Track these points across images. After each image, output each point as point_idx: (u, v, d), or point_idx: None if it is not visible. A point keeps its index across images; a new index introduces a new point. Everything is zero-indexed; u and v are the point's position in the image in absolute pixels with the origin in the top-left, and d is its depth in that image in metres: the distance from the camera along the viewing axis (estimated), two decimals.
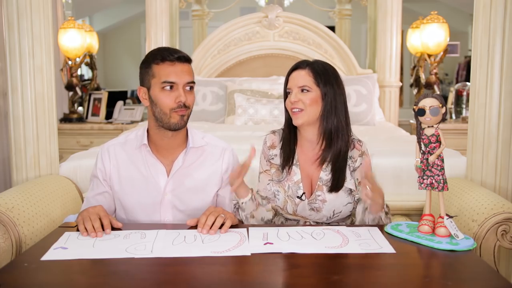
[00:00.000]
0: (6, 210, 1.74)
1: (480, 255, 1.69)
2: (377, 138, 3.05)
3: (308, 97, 1.68)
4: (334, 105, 1.70)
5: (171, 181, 1.73)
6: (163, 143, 1.73)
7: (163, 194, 1.73)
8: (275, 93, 3.96)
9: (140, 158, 1.74)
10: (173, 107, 1.65)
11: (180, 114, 1.66)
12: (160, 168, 1.73)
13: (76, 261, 1.32)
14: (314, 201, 1.72)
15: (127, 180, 1.75)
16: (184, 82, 1.65)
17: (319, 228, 1.57)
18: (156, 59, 1.66)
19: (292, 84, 1.72)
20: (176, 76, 1.64)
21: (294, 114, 1.70)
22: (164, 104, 1.65)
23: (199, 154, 1.77)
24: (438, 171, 1.45)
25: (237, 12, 6.99)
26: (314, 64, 1.73)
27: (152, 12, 4.31)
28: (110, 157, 1.78)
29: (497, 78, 2.03)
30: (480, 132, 2.09)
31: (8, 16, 2.17)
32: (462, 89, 4.55)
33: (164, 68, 1.64)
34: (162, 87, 1.64)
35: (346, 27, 5.47)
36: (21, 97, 2.19)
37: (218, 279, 1.24)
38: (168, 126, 1.67)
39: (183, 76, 1.65)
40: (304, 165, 1.75)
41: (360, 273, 1.29)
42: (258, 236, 1.49)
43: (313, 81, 1.69)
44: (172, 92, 1.64)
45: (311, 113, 1.69)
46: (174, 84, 1.64)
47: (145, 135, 1.75)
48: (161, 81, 1.64)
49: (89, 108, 4.71)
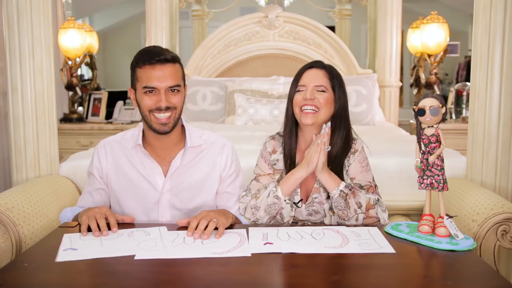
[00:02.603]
0: (6, 210, 1.74)
1: (480, 255, 1.69)
2: (377, 138, 3.05)
3: (324, 97, 1.68)
4: (346, 109, 1.73)
5: (169, 180, 1.72)
6: (158, 143, 1.72)
7: (161, 194, 1.72)
8: (275, 93, 3.96)
9: (136, 158, 1.74)
10: (151, 108, 1.63)
11: (160, 122, 1.64)
12: (157, 168, 1.72)
13: (76, 261, 1.32)
14: (311, 204, 1.72)
15: (124, 179, 1.74)
16: (166, 86, 1.62)
17: (319, 228, 1.57)
18: (138, 63, 1.64)
19: (307, 81, 1.70)
20: (156, 80, 1.61)
21: (306, 114, 1.68)
22: (144, 106, 1.64)
23: (198, 152, 1.76)
24: (438, 171, 1.45)
25: (237, 12, 6.99)
26: (330, 66, 1.75)
27: (152, 12, 4.31)
28: (106, 154, 1.77)
29: (497, 78, 2.03)
30: (480, 132, 2.09)
31: (8, 16, 2.17)
32: (462, 89, 4.55)
33: (145, 72, 1.62)
34: (144, 91, 1.63)
35: (346, 27, 5.48)
36: (21, 97, 2.19)
37: (218, 279, 1.24)
38: (153, 130, 1.66)
39: (164, 80, 1.62)
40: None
41: (360, 273, 1.29)
42: (258, 236, 1.49)
43: (329, 83, 1.70)
44: (154, 96, 1.63)
45: (324, 113, 1.69)
46: (154, 89, 1.62)
47: (140, 135, 1.74)
48: (142, 85, 1.63)
49: (89, 108, 4.71)
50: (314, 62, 1.75)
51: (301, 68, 1.75)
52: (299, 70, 1.75)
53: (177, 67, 1.66)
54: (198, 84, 4.12)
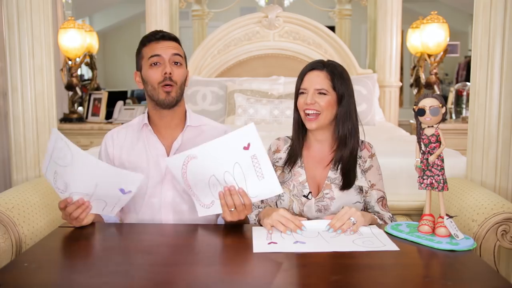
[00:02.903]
0: (6, 210, 1.74)
1: (480, 255, 1.69)
2: (377, 138, 3.04)
3: (325, 100, 1.68)
4: (349, 110, 1.71)
5: None
6: (162, 122, 1.75)
7: (164, 175, 1.73)
8: (275, 93, 3.96)
9: (142, 139, 1.77)
10: (160, 81, 1.68)
11: (165, 91, 1.69)
12: (160, 148, 1.74)
13: (76, 261, 1.32)
14: (321, 199, 1.71)
15: (130, 163, 1.76)
16: (170, 54, 1.69)
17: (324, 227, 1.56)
18: (143, 43, 1.74)
19: (308, 85, 1.70)
20: (161, 50, 1.69)
21: (309, 120, 1.69)
22: (152, 79, 1.69)
23: (198, 133, 1.78)
24: (438, 171, 1.45)
25: (237, 12, 7.00)
26: (331, 66, 1.72)
27: (152, 12, 4.31)
28: (113, 141, 1.80)
29: (497, 78, 2.03)
30: (480, 132, 2.09)
31: (8, 16, 2.17)
32: (462, 89, 4.55)
33: (150, 47, 1.71)
34: (150, 63, 1.70)
35: (346, 27, 5.48)
36: (21, 97, 2.20)
37: (219, 279, 1.24)
38: (159, 103, 1.70)
39: (167, 50, 1.70)
40: (309, 167, 1.74)
41: (360, 273, 1.29)
42: (262, 236, 1.49)
43: (330, 84, 1.69)
44: (159, 67, 1.69)
45: (326, 117, 1.69)
46: (159, 57, 1.69)
47: (145, 116, 1.79)
48: (148, 57, 1.70)
49: (89, 108, 4.71)
50: (315, 63, 1.74)
51: (303, 69, 1.74)
52: (301, 71, 1.75)
53: (179, 46, 1.76)
54: (198, 84, 4.12)
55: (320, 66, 1.72)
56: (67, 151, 1.50)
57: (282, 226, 1.51)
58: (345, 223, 1.51)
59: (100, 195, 1.56)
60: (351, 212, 1.54)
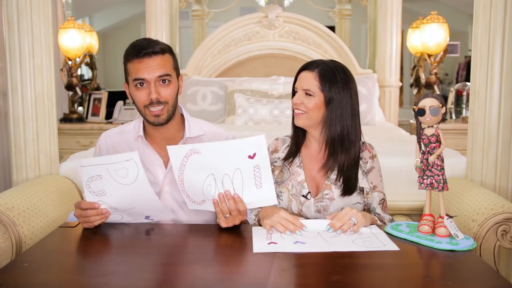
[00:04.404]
0: (6, 210, 1.74)
1: (480, 255, 1.69)
2: (377, 138, 3.05)
3: (311, 102, 1.66)
4: (339, 113, 1.65)
5: (170, 173, 1.71)
6: (157, 134, 1.73)
7: (162, 186, 1.71)
8: (275, 93, 3.96)
9: (138, 149, 1.74)
10: (146, 104, 1.64)
11: (153, 114, 1.64)
12: (157, 160, 1.72)
13: (76, 261, 1.32)
14: (321, 200, 1.71)
15: None
16: (155, 77, 1.62)
17: (324, 227, 1.56)
18: (127, 57, 1.66)
19: (298, 85, 1.71)
20: (144, 72, 1.61)
21: (296, 115, 1.70)
22: (138, 101, 1.65)
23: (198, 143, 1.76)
24: (438, 171, 1.45)
25: (237, 12, 7.00)
26: (324, 67, 1.67)
27: (152, 12, 4.31)
28: (107, 146, 1.77)
29: (497, 78, 2.03)
30: (480, 132, 2.09)
31: (8, 16, 2.17)
32: (462, 89, 4.55)
33: (134, 65, 1.63)
34: (135, 84, 1.64)
35: (346, 27, 5.48)
36: (21, 97, 2.19)
37: (218, 279, 1.24)
38: (149, 122, 1.68)
39: (152, 71, 1.61)
40: (308, 166, 1.74)
41: (360, 273, 1.29)
42: (262, 236, 1.49)
43: (318, 85, 1.65)
44: (144, 89, 1.63)
45: (312, 117, 1.67)
46: (144, 80, 1.62)
47: (141, 126, 1.75)
48: (132, 78, 1.64)
49: (89, 108, 4.71)
50: (309, 63, 1.72)
51: (299, 69, 1.75)
52: (298, 71, 1.76)
53: (166, 57, 1.65)
54: (198, 84, 4.12)
55: (312, 66, 1.69)
56: (134, 172, 1.49)
57: (281, 227, 1.51)
58: (346, 223, 1.51)
59: (124, 212, 1.58)
60: (352, 213, 1.53)
